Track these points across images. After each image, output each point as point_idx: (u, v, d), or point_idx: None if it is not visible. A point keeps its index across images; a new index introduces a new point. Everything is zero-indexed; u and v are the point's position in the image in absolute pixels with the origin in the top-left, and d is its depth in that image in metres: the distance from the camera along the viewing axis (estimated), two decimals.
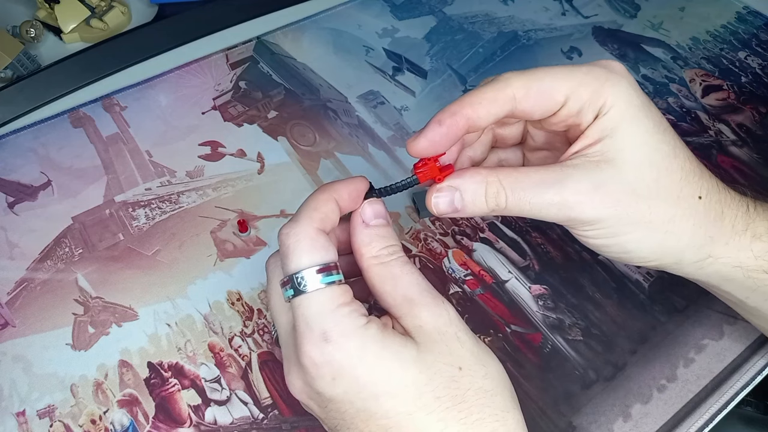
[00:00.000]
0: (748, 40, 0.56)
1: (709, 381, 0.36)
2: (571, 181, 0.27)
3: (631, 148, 0.28)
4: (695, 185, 0.29)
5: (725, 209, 0.30)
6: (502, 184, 0.28)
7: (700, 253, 0.30)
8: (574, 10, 0.59)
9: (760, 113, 0.50)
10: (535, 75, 0.28)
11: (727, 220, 0.30)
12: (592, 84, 0.28)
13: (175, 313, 0.39)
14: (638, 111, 0.28)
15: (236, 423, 0.35)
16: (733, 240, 0.30)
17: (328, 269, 0.27)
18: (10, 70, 0.50)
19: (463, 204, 0.29)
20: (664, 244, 0.29)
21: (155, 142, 0.47)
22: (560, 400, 0.35)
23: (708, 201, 0.29)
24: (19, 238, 0.42)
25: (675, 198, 0.28)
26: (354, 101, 0.51)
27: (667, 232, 0.29)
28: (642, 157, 0.28)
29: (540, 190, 0.28)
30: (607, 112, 0.28)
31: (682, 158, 0.29)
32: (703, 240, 0.29)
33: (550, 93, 0.28)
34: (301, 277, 0.26)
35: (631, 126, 0.28)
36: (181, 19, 0.54)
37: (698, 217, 0.29)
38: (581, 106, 0.28)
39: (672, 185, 0.28)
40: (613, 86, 0.28)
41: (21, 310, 0.39)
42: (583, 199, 0.27)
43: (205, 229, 0.43)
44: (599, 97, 0.28)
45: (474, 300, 0.39)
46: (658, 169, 0.28)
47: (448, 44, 0.55)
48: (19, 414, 0.35)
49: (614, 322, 0.38)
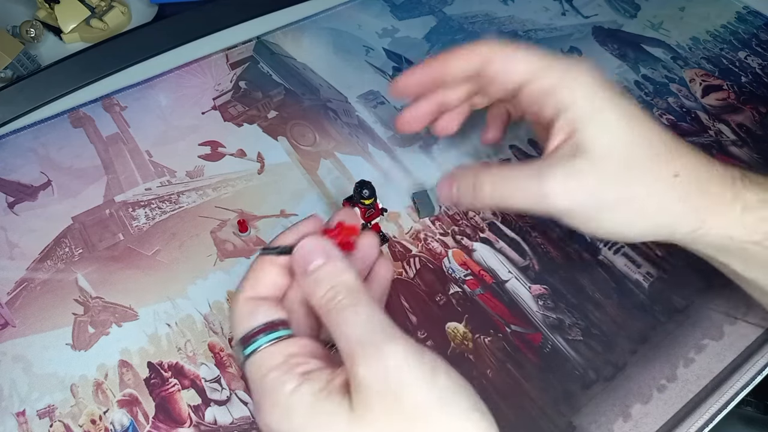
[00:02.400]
0: (748, 40, 0.56)
1: (709, 381, 0.36)
2: (548, 174, 0.30)
3: (599, 138, 0.30)
4: (669, 165, 0.30)
5: (709, 183, 0.31)
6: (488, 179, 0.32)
7: (691, 224, 0.31)
8: (574, 10, 0.59)
9: (760, 113, 0.50)
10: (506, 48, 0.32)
11: (713, 193, 0.31)
12: (552, 75, 0.31)
13: (175, 313, 0.39)
14: (603, 103, 0.30)
15: (236, 423, 0.35)
16: (722, 211, 0.31)
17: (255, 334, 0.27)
18: (10, 70, 0.50)
19: (459, 194, 0.33)
20: (650, 220, 0.31)
21: (155, 142, 0.47)
22: (560, 400, 0.35)
23: (687, 177, 0.30)
24: (19, 238, 0.42)
25: (650, 179, 0.30)
26: (354, 101, 0.51)
27: (649, 210, 0.31)
28: (610, 147, 0.30)
29: (521, 183, 0.31)
30: (569, 108, 0.30)
31: (652, 141, 0.30)
32: (690, 213, 0.31)
33: (511, 69, 0.31)
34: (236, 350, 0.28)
35: (596, 119, 0.30)
36: (181, 19, 0.54)
37: (679, 193, 0.30)
38: (539, 94, 0.31)
39: (643, 169, 0.30)
40: (574, 81, 0.30)
41: (21, 310, 0.39)
42: (559, 189, 0.30)
43: (205, 229, 0.43)
44: (559, 90, 0.30)
45: (474, 300, 0.39)
46: (627, 155, 0.30)
47: (448, 44, 0.55)
48: (19, 414, 0.35)
49: (614, 322, 0.38)
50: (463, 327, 0.38)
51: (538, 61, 0.31)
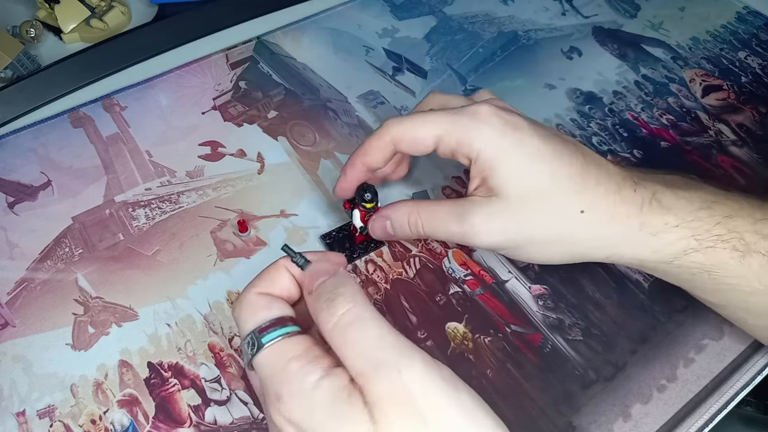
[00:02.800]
0: (748, 40, 0.56)
1: (709, 381, 0.36)
2: (470, 215, 0.33)
3: (508, 182, 0.32)
4: (575, 202, 0.32)
5: (615, 214, 0.32)
6: (420, 216, 0.35)
7: (603, 252, 0.34)
8: (574, 10, 0.59)
9: (760, 113, 0.50)
10: (410, 123, 0.34)
11: (618, 223, 0.32)
12: (456, 133, 0.33)
13: (175, 313, 0.39)
14: (508, 149, 0.32)
15: (236, 423, 0.35)
16: (630, 239, 0.32)
17: (272, 325, 0.26)
18: (10, 70, 0.50)
19: (394, 230, 0.36)
20: (562, 251, 0.34)
21: (155, 142, 0.47)
22: (560, 400, 0.35)
23: (592, 213, 0.32)
24: (19, 238, 0.42)
25: (558, 216, 0.32)
26: (354, 101, 0.51)
27: (561, 244, 0.33)
28: (519, 189, 0.32)
29: (446, 223, 0.34)
30: (477, 159, 0.33)
31: (560, 179, 0.32)
32: (599, 245, 0.33)
33: (420, 140, 0.34)
34: (247, 342, 0.26)
35: (503, 164, 0.32)
36: (181, 19, 0.54)
37: (585, 228, 0.32)
38: (451, 151, 0.34)
39: (551, 206, 0.32)
40: (477, 133, 0.33)
41: (21, 310, 0.39)
42: (479, 230, 0.33)
43: (205, 229, 0.43)
44: (465, 146, 0.33)
45: (474, 300, 0.39)
46: (535, 195, 0.32)
47: (448, 44, 0.55)
48: (19, 414, 0.35)
49: (614, 322, 0.38)
50: (463, 327, 0.38)
51: (442, 123, 0.33)
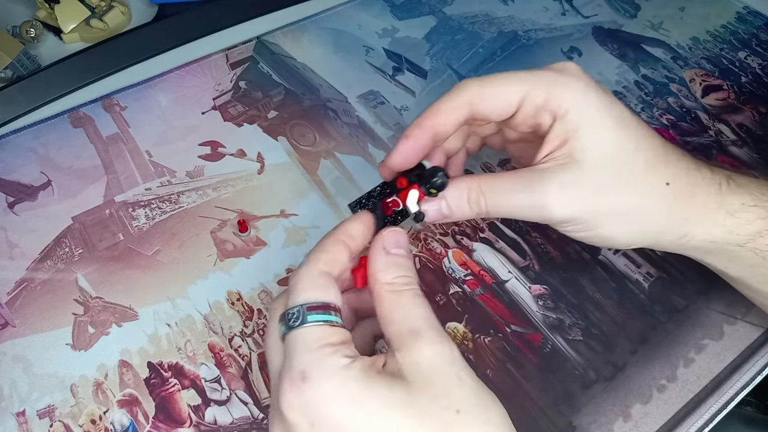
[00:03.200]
0: (748, 40, 0.56)
1: (709, 381, 0.36)
2: (540, 185, 0.30)
3: (592, 147, 0.30)
4: (661, 173, 0.30)
5: (696, 190, 0.31)
6: (481, 189, 0.31)
7: (676, 232, 0.32)
8: (574, 10, 0.59)
9: (760, 113, 0.50)
10: (490, 80, 0.31)
11: (699, 201, 0.31)
12: (544, 88, 0.30)
13: (175, 313, 0.39)
14: (596, 111, 0.30)
15: (236, 423, 0.35)
16: (707, 218, 0.31)
17: (322, 308, 0.26)
18: (10, 70, 0.50)
19: (450, 210, 0.31)
20: (638, 229, 0.31)
21: (155, 142, 0.47)
22: (560, 400, 0.35)
23: (676, 186, 0.31)
24: (19, 238, 0.42)
25: (639, 189, 0.30)
26: (354, 101, 0.51)
27: (638, 220, 0.31)
28: (602, 156, 0.30)
29: (513, 195, 0.30)
30: (565, 116, 0.30)
31: (645, 149, 0.30)
32: (677, 221, 0.31)
33: (503, 96, 0.30)
34: (292, 313, 0.26)
35: (590, 126, 0.30)
36: (181, 19, 0.54)
37: (668, 202, 0.31)
38: (536, 110, 0.30)
39: (634, 178, 0.30)
40: (567, 89, 0.30)
41: (21, 310, 0.39)
42: (552, 200, 0.30)
43: (205, 229, 0.43)
44: (553, 101, 0.30)
45: (474, 300, 0.39)
46: (620, 164, 0.30)
47: (448, 44, 0.55)
48: (19, 414, 0.35)
49: (614, 322, 0.38)
50: (463, 327, 0.38)
51: (527, 81, 0.30)
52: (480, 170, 0.45)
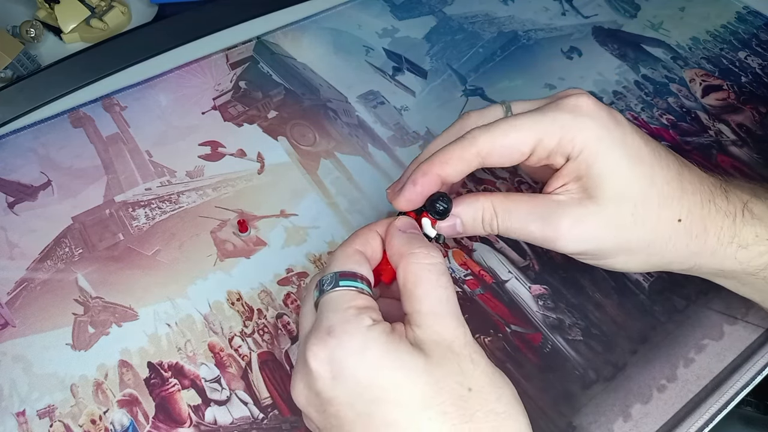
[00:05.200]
0: (748, 40, 0.56)
1: (709, 381, 0.36)
2: (554, 217, 0.30)
3: (606, 186, 0.30)
4: (674, 209, 0.30)
5: (708, 224, 0.31)
6: (495, 212, 0.31)
7: (686, 264, 0.32)
8: (574, 10, 0.59)
9: (760, 113, 0.50)
10: (500, 130, 0.30)
11: (711, 235, 0.31)
12: (557, 133, 0.29)
13: (175, 313, 0.39)
14: (610, 149, 0.29)
15: (236, 423, 0.35)
16: (718, 252, 0.31)
17: (353, 275, 0.28)
18: (10, 70, 0.50)
19: (464, 229, 0.32)
20: (648, 262, 0.32)
21: (155, 142, 0.47)
22: (560, 400, 0.35)
23: (689, 221, 0.30)
24: (19, 238, 0.42)
25: (653, 225, 0.30)
26: (354, 101, 0.51)
27: (649, 254, 0.31)
28: (618, 192, 0.30)
29: (527, 223, 0.30)
30: (578, 156, 0.30)
31: (660, 184, 0.30)
32: (687, 255, 0.31)
33: (515, 147, 0.30)
34: (326, 278, 0.28)
35: (604, 164, 0.29)
36: (181, 19, 0.54)
37: (679, 238, 0.31)
38: (549, 153, 0.30)
39: (649, 213, 0.30)
40: (581, 131, 0.29)
41: (21, 310, 0.39)
42: (566, 235, 0.30)
43: (205, 229, 0.43)
44: (567, 144, 0.30)
45: (474, 300, 0.39)
46: (634, 201, 0.30)
47: (448, 44, 0.55)
48: (19, 414, 0.35)
49: (614, 322, 0.38)
50: None
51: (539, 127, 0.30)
52: (480, 171, 0.45)
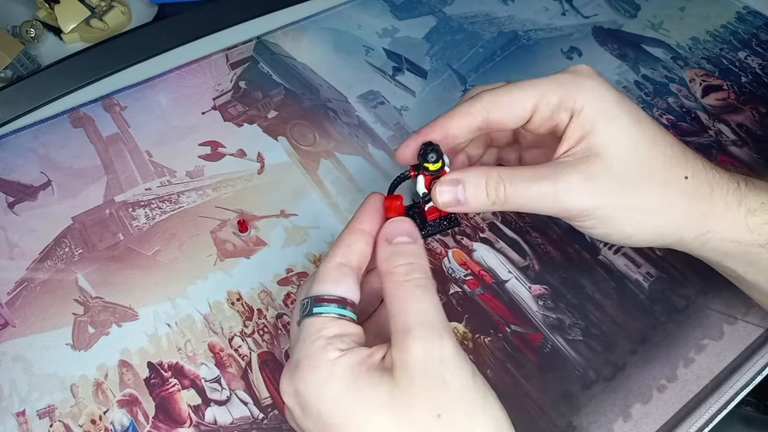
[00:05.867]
0: (748, 40, 0.56)
1: (709, 381, 0.36)
2: (564, 173, 0.29)
3: (612, 141, 0.30)
4: (680, 168, 0.31)
5: (714, 187, 0.31)
6: (501, 177, 0.30)
7: (698, 229, 0.31)
8: (574, 10, 0.59)
9: (760, 113, 0.50)
10: (504, 89, 0.31)
11: (718, 197, 0.31)
12: (558, 90, 0.30)
13: (175, 313, 0.39)
14: (612, 106, 0.30)
15: (236, 423, 0.35)
16: (727, 215, 0.31)
17: (327, 300, 0.27)
18: (10, 70, 0.50)
19: (466, 196, 0.30)
20: (660, 224, 0.31)
21: (155, 142, 0.47)
22: (560, 400, 0.35)
23: (695, 180, 0.31)
24: (19, 238, 0.42)
25: (661, 182, 0.30)
26: (354, 101, 0.51)
27: (661, 214, 0.31)
28: (624, 149, 0.30)
29: (536, 182, 0.30)
30: (581, 112, 0.30)
31: (663, 145, 0.31)
32: (698, 217, 0.31)
33: (517, 104, 0.31)
34: (303, 303, 0.28)
35: (607, 122, 0.30)
36: (181, 19, 0.54)
37: (687, 197, 0.31)
38: (552, 111, 0.31)
39: (655, 171, 0.30)
40: (581, 88, 0.30)
41: (21, 310, 0.39)
42: (575, 189, 0.29)
43: (205, 229, 0.43)
44: (568, 100, 0.30)
45: (474, 300, 0.39)
46: (640, 157, 0.30)
47: (448, 44, 0.55)
48: (19, 414, 0.35)
49: (614, 322, 0.38)
50: (463, 327, 0.38)
51: (540, 86, 0.30)
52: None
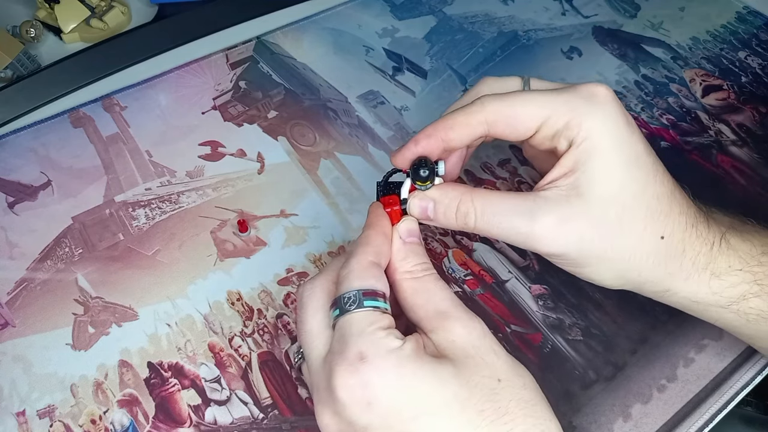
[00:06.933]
0: (748, 40, 0.56)
1: (709, 381, 0.36)
2: (540, 214, 0.29)
3: (600, 183, 0.29)
4: (659, 224, 0.30)
5: (687, 248, 0.30)
6: (474, 205, 0.30)
7: (660, 286, 0.31)
8: (574, 10, 0.59)
9: (760, 113, 0.50)
10: (510, 101, 0.30)
11: (688, 258, 0.30)
12: (566, 114, 0.29)
13: (175, 313, 0.39)
14: (612, 145, 0.29)
15: (236, 423, 0.35)
16: (692, 277, 0.31)
17: (374, 294, 0.28)
18: (10, 70, 0.50)
19: (436, 216, 0.31)
20: (625, 276, 0.31)
21: (155, 142, 0.47)
22: (560, 400, 0.35)
23: (670, 240, 0.30)
24: (19, 238, 0.42)
25: (637, 236, 0.29)
26: (354, 101, 0.51)
27: (627, 268, 0.30)
28: (608, 193, 0.29)
29: (508, 218, 0.29)
30: (581, 144, 0.29)
31: (650, 196, 0.30)
32: (663, 276, 0.31)
33: (522, 120, 0.29)
34: (347, 297, 0.27)
35: (602, 160, 0.29)
36: (181, 19, 0.54)
37: (658, 256, 0.30)
38: (554, 133, 0.30)
39: (634, 223, 0.29)
40: (590, 116, 0.29)
41: (21, 310, 0.39)
42: (548, 233, 0.29)
43: (205, 229, 0.43)
44: (573, 127, 0.29)
45: (474, 300, 0.39)
46: (622, 206, 0.29)
47: (448, 44, 0.55)
48: (19, 414, 0.35)
49: (614, 322, 0.38)
50: None
51: (550, 104, 0.29)
52: (480, 170, 0.45)
